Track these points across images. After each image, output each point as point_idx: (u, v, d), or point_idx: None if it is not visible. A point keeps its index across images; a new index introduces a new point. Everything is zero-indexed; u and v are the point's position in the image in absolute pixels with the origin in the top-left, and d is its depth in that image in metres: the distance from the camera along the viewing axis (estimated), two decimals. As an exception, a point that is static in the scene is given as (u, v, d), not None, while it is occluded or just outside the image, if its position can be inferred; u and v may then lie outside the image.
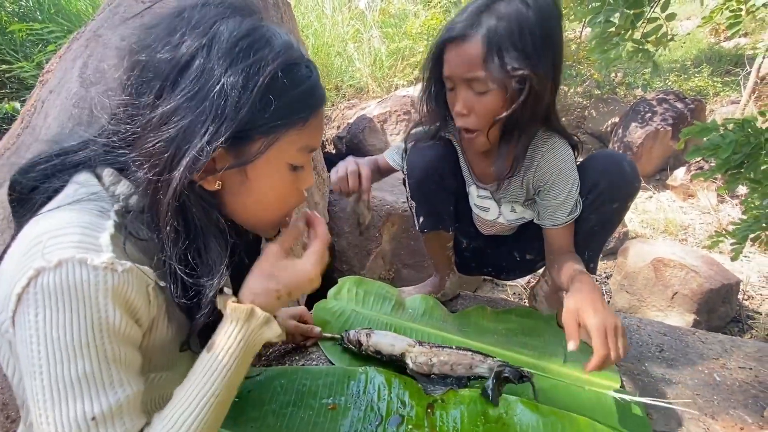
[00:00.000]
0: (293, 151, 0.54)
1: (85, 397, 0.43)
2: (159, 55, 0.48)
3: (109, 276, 0.44)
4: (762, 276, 3.03)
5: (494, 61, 0.77)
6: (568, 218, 0.93)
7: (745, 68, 5.43)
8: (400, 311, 1.10)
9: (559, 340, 1.03)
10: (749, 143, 1.56)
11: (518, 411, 0.75)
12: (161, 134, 0.47)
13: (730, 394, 0.89)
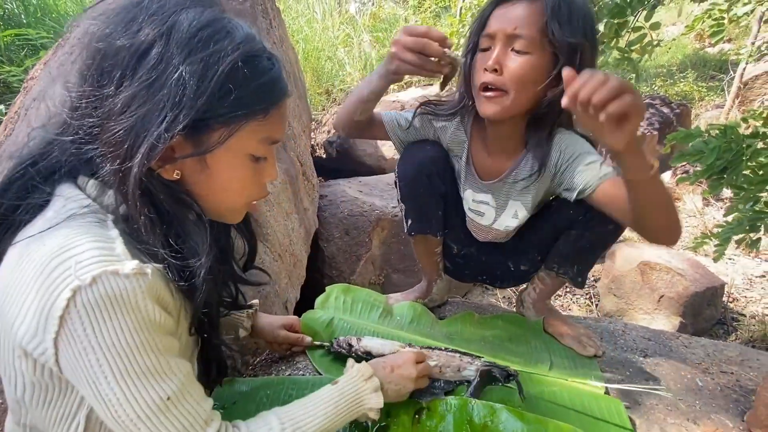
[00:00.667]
0: (254, 142, 0.55)
1: (154, 385, 0.48)
2: (118, 43, 0.47)
3: (141, 280, 0.47)
4: (746, 278, 3.08)
5: (545, 25, 0.79)
6: (611, 170, 0.85)
7: (729, 73, 5.54)
8: (388, 319, 1.10)
9: (545, 347, 1.04)
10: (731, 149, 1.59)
11: (503, 419, 0.75)
12: (120, 123, 0.47)
13: (711, 398, 0.91)
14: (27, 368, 0.49)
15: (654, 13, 1.60)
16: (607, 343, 1.10)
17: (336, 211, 2.32)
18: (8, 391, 0.53)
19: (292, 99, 2.30)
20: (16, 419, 0.56)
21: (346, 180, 2.63)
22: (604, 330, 1.17)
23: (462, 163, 1.01)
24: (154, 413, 0.48)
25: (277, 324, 0.95)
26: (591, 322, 1.22)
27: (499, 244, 1.10)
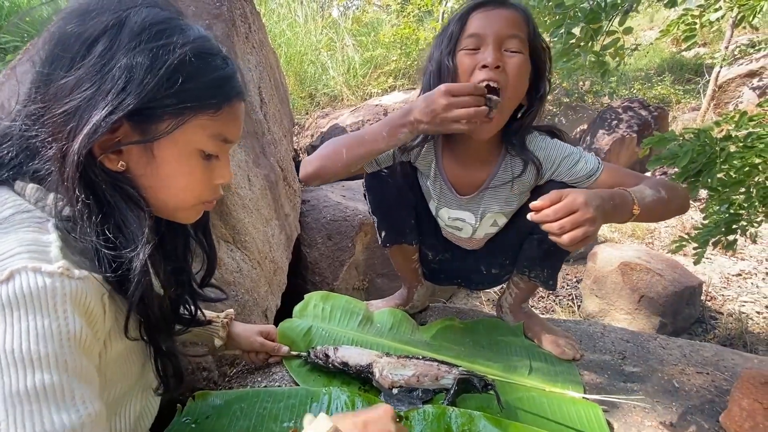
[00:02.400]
0: (204, 137, 0.54)
1: (45, 413, 0.39)
2: (69, 30, 0.48)
3: (66, 282, 0.43)
4: (723, 277, 3.14)
5: (530, 28, 0.83)
6: (599, 163, 0.90)
7: (705, 76, 5.69)
8: (368, 326, 1.09)
9: (525, 352, 1.04)
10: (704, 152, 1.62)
11: (481, 426, 0.74)
12: (64, 105, 0.47)
13: (687, 400, 0.92)
14: None
15: (627, 18, 1.62)
16: (586, 346, 1.10)
17: (318, 216, 2.30)
18: None
19: (274, 103, 2.28)
20: None
21: (329, 185, 2.61)
22: (583, 333, 1.17)
23: (431, 182, 1.00)
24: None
25: (254, 332, 0.93)
26: (570, 325, 1.22)
27: (473, 250, 1.11)
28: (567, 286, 2.97)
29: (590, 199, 0.68)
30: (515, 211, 1.00)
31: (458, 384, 0.85)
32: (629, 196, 0.77)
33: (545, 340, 1.07)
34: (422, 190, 1.03)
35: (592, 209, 0.67)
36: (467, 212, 0.99)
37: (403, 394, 0.83)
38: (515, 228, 1.00)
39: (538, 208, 0.69)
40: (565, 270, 3.08)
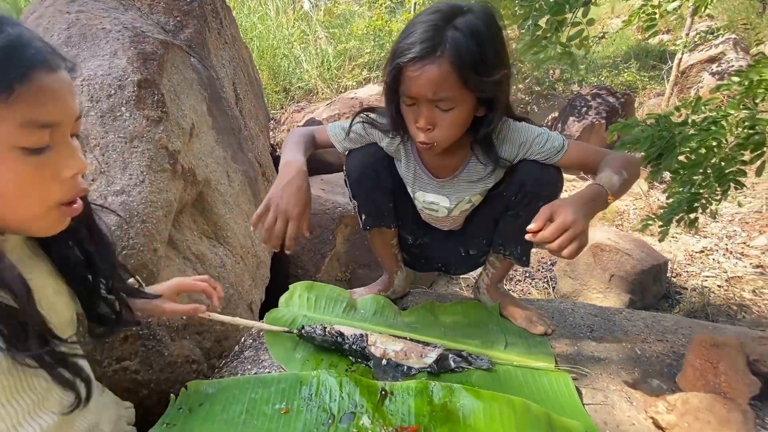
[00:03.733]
0: (11, 131, 0.43)
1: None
2: None
3: None
4: (687, 254, 3.31)
5: (464, 79, 0.79)
6: (564, 141, 0.96)
7: (668, 63, 5.89)
8: (352, 312, 1.13)
9: (500, 329, 1.10)
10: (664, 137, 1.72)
11: (461, 397, 0.80)
12: None
13: (648, 365, 1.00)
14: None
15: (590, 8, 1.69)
16: (558, 322, 1.17)
17: (298, 210, 2.32)
18: None
19: (249, 99, 2.28)
20: None
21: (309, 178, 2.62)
22: (555, 310, 1.24)
23: (405, 167, 1.05)
24: None
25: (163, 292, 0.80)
26: (543, 303, 1.30)
27: (451, 232, 1.16)
28: (542, 269, 3.08)
29: (577, 211, 0.75)
30: (490, 189, 1.05)
31: (440, 361, 0.91)
32: (603, 190, 0.84)
33: (519, 317, 1.13)
34: (399, 174, 1.08)
35: (581, 221, 0.74)
36: (442, 196, 1.04)
37: (391, 367, 0.89)
38: (490, 206, 1.06)
39: (534, 230, 0.75)
40: (540, 254, 3.19)
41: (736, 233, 3.56)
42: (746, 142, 1.71)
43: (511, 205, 1.01)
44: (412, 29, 0.80)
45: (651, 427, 0.82)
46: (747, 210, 3.79)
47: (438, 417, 0.77)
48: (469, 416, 0.77)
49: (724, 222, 3.72)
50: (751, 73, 1.67)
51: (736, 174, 1.77)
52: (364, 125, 1.03)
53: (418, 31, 0.79)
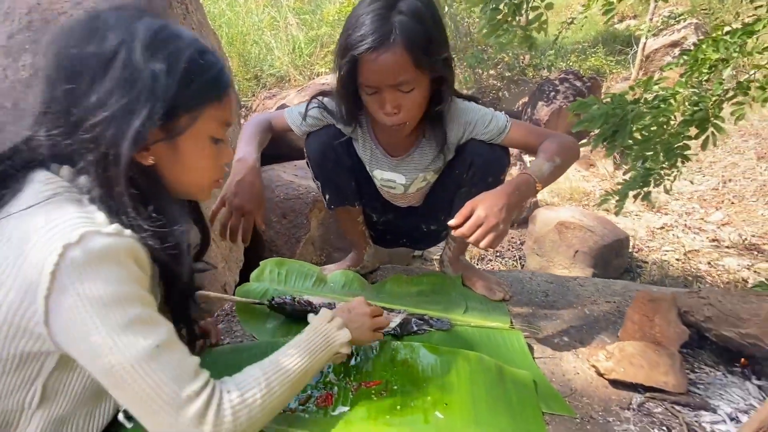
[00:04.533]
0: (214, 125, 0.64)
1: (144, 334, 0.51)
2: (86, 50, 0.54)
3: (120, 239, 0.52)
4: (649, 231, 3.48)
5: (419, 58, 0.85)
6: (507, 121, 1.02)
7: (634, 47, 6.07)
8: (322, 285, 1.18)
9: (462, 297, 1.17)
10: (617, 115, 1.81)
11: (421, 354, 0.87)
12: (99, 115, 0.53)
13: (595, 323, 1.09)
14: (3, 337, 0.52)
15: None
16: (516, 289, 1.25)
17: (272, 195, 2.34)
18: None
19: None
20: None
21: (281, 164, 2.64)
22: (514, 278, 1.32)
23: (362, 147, 1.11)
24: (145, 361, 0.51)
25: None
26: (504, 273, 1.38)
27: (413, 209, 1.22)
28: (512, 249, 3.19)
29: (494, 205, 0.82)
30: (444, 168, 1.11)
31: (404, 324, 0.98)
32: (531, 179, 0.90)
33: (480, 285, 1.21)
34: (358, 153, 1.13)
35: (495, 215, 0.81)
36: (398, 174, 1.10)
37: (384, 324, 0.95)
38: (446, 184, 1.12)
39: (454, 226, 0.83)
40: (510, 234, 3.31)
41: (695, 210, 3.76)
42: (691, 118, 1.82)
43: (463, 183, 1.07)
44: (359, 21, 0.84)
45: (593, 374, 0.90)
46: (705, 188, 4.00)
47: (399, 372, 0.83)
48: (427, 369, 0.83)
49: (684, 200, 3.91)
50: (697, 53, 1.77)
51: (683, 149, 1.89)
52: (320, 110, 1.07)
53: (366, 23, 0.83)
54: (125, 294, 0.51)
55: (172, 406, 0.52)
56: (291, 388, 0.63)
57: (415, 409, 0.75)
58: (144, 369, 0.51)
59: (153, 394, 0.51)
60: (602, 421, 0.78)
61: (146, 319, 0.53)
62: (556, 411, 0.79)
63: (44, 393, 0.57)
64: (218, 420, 0.54)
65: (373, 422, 0.72)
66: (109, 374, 0.51)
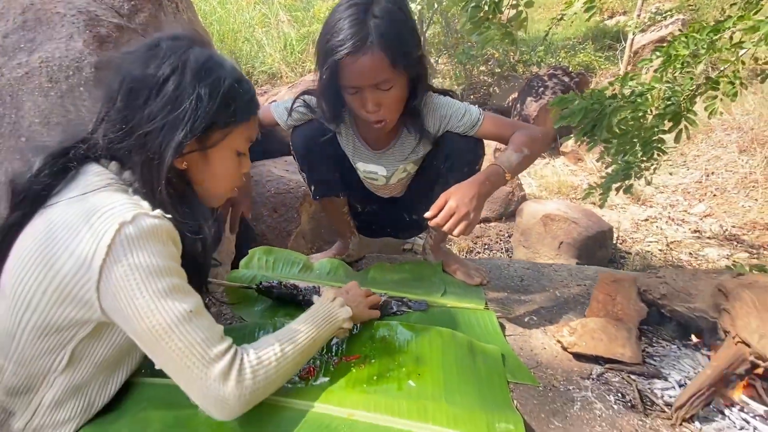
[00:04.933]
0: (241, 141, 0.76)
1: (180, 300, 0.61)
2: (146, 72, 0.66)
3: (164, 222, 0.63)
4: (634, 223, 3.57)
5: (395, 59, 0.91)
6: (480, 114, 1.08)
7: (622, 43, 6.15)
8: (308, 272, 1.24)
9: (442, 282, 1.24)
10: (595, 109, 1.88)
11: (398, 331, 0.93)
12: (151, 126, 0.65)
13: (565, 304, 1.16)
14: (49, 302, 0.61)
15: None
16: (494, 275, 1.32)
17: (263, 190, 2.39)
18: (8, 324, 0.64)
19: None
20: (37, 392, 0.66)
21: (272, 160, 2.68)
22: (492, 265, 1.39)
23: (345, 140, 1.17)
24: (181, 322, 0.60)
25: None
26: (484, 261, 1.45)
27: (395, 200, 1.29)
28: (500, 241, 3.26)
29: (465, 195, 0.89)
30: (423, 159, 1.18)
31: (383, 306, 1.04)
32: (500, 169, 0.97)
33: (459, 271, 1.27)
34: (341, 146, 1.19)
35: (466, 205, 0.88)
36: (380, 166, 1.16)
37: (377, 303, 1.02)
38: (425, 175, 1.19)
39: (429, 217, 0.91)
40: (498, 227, 3.38)
41: (679, 202, 3.85)
42: (665, 112, 1.90)
43: (441, 173, 1.13)
44: (337, 26, 0.90)
45: (558, 349, 0.97)
46: (689, 180, 4.09)
47: (377, 347, 0.89)
48: (403, 344, 0.90)
49: (668, 192, 4.00)
50: (669, 49, 1.85)
51: (658, 142, 1.97)
52: (305, 107, 1.13)
53: (344, 27, 0.90)
54: (166, 267, 0.61)
55: (203, 363, 0.61)
56: (301, 354, 0.72)
57: (391, 378, 0.81)
58: (180, 329, 0.60)
59: (187, 352, 0.60)
60: (563, 389, 0.85)
61: (182, 289, 0.63)
62: (521, 381, 0.86)
63: (71, 358, 0.65)
64: (240, 377, 0.63)
65: (351, 390, 0.78)
66: (149, 334, 0.60)
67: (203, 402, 0.63)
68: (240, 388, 0.62)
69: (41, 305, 0.61)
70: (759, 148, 3.77)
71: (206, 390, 0.61)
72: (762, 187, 3.56)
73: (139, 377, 0.79)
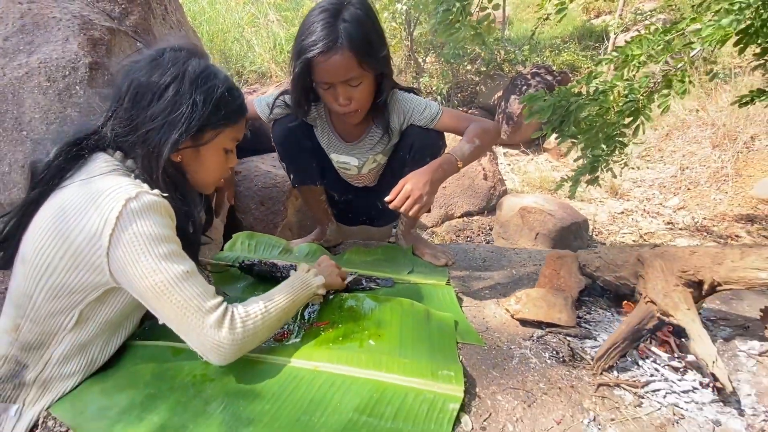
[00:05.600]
0: (228, 140, 0.89)
1: (178, 262, 0.73)
2: (151, 79, 0.78)
3: (162, 200, 0.74)
4: (610, 216, 3.71)
5: (362, 58, 1.02)
6: (439, 109, 1.20)
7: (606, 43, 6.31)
8: (288, 254, 1.36)
9: (410, 262, 1.35)
10: (562, 106, 2.01)
11: (364, 302, 1.05)
12: (153, 124, 0.77)
13: (519, 280, 1.28)
14: (64, 268, 0.71)
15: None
16: (460, 258, 1.44)
17: (250, 185, 2.49)
18: (26, 287, 0.74)
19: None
20: (14, 319, 0.76)
21: (259, 156, 2.79)
22: (459, 249, 1.51)
23: (320, 132, 1.28)
24: (179, 280, 0.71)
25: None
26: (452, 245, 1.56)
27: (370, 189, 1.40)
28: (482, 234, 3.39)
29: (420, 180, 1.01)
30: (392, 151, 1.29)
31: (355, 282, 1.16)
32: (453, 158, 1.09)
33: (427, 253, 1.39)
34: (318, 139, 1.30)
35: (420, 188, 1.01)
36: (352, 157, 1.28)
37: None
38: (394, 165, 1.31)
39: (389, 201, 1.03)
40: (480, 221, 3.51)
41: (654, 196, 4.00)
42: (624, 109, 2.04)
43: (407, 163, 1.25)
44: (310, 28, 1.02)
45: (507, 317, 1.09)
46: (665, 175, 4.24)
47: (345, 315, 1.01)
48: (368, 312, 1.01)
49: (645, 186, 4.16)
50: (627, 50, 1.98)
51: (620, 137, 2.11)
52: (284, 106, 1.24)
53: (317, 30, 1.01)
54: (165, 235, 0.73)
55: (200, 313, 0.72)
56: (282, 311, 0.84)
57: (354, 339, 0.93)
58: (179, 285, 0.71)
59: (186, 304, 0.71)
60: (505, 348, 0.97)
61: (179, 254, 0.74)
62: (469, 341, 0.98)
63: (79, 318, 0.76)
64: (232, 325, 0.74)
65: (318, 348, 0.90)
66: (152, 291, 0.70)
67: (201, 347, 0.74)
68: (233, 334, 0.73)
69: (57, 270, 0.72)
70: (730, 144, 3.92)
71: (203, 337, 0.72)
72: (732, 180, 3.72)
73: (134, 341, 0.90)
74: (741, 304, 1.10)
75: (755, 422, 0.77)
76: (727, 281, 0.85)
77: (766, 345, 0.92)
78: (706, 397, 0.81)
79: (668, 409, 0.80)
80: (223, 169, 0.91)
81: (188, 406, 0.76)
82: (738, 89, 4.33)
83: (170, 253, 0.72)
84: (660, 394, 0.83)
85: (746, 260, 0.83)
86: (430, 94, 5.33)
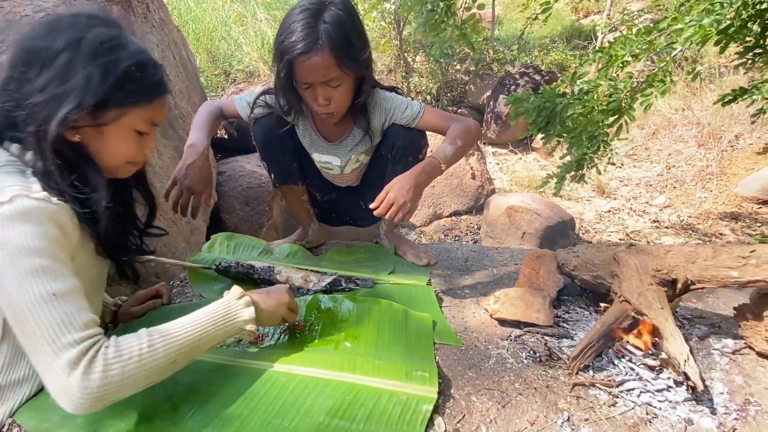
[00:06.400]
0: (140, 121, 0.77)
1: (45, 282, 0.61)
2: (40, 44, 0.68)
3: (46, 205, 0.65)
4: (597, 214, 3.74)
5: (342, 60, 1.02)
6: (421, 108, 1.19)
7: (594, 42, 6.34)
8: (268, 256, 1.34)
9: (392, 262, 1.35)
10: (547, 107, 2.02)
11: (342, 303, 1.04)
12: (39, 97, 0.67)
13: (500, 279, 1.28)
14: None
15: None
16: (442, 257, 1.44)
17: (235, 185, 2.48)
18: None
19: (180, 80, 2.39)
20: None
21: (244, 156, 2.78)
22: (442, 249, 1.51)
23: (302, 132, 1.27)
24: (39, 304, 0.60)
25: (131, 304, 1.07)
26: (435, 245, 1.56)
27: (352, 189, 1.39)
28: (470, 233, 3.40)
29: (403, 187, 1.01)
30: (373, 150, 1.29)
31: (334, 283, 1.15)
32: (436, 161, 1.08)
33: (409, 254, 1.39)
34: (299, 138, 1.29)
35: (403, 195, 1.00)
36: (334, 156, 1.27)
37: (293, 290, 1.11)
38: (376, 165, 1.30)
39: (374, 207, 1.02)
40: (469, 220, 3.52)
41: (641, 194, 4.03)
42: (608, 108, 2.05)
43: (389, 162, 1.25)
44: (291, 28, 1.00)
45: (487, 317, 1.09)
46: (652, 174, 4.28)
47: (323, 317, 1.00)
48: (345, 314, 1.01)
49: (632, 185, 4.19)
50: (610, 50, 1.99)
51: (604, 136, 2.11)
52: (265, 105, 1.22)
53: (297, 31, 0.99)
54: (37, 247, 0.62)
55: (52, 348, 0.59)
56: (178, 351, 0.68)
57: (330, 341, 0.92)
58: (37, 310, 0.60)
59: (39, 334, 0.60)
60: (483, 348, 0.97)
61: (51, 271, 0.62)
62: (447, 342, 0.97)
63: (5, 326, 0.71)
64: (89, 369, 0.60)
65: (293, 351, 0.89)
66: (10, 310, 0.61)
67: (49, 387, 0.61)
68: (86, 380, 0.59)
69: None
70: (715, 143, 3.97)
71: (52, 376, 0.60)
72: (717, 179, 3.76)
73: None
74: (717, 302, 1.11)
75: (727, 420, 0.78)
76: (700, 280, 0.86)
77: (739, 343, 0.93)
78: (679, 396, 0.81)
79: (642, 408, 0.80)
80: (135, 153, 0.79)
81: (157, 411, 0.74)
82: (723, 88, 4.38)
83: (38, 269, 0.61)
84: (634, 393, 0.83)
85: (718, 259, 0.83)
86: (420, 94, 5.33)
